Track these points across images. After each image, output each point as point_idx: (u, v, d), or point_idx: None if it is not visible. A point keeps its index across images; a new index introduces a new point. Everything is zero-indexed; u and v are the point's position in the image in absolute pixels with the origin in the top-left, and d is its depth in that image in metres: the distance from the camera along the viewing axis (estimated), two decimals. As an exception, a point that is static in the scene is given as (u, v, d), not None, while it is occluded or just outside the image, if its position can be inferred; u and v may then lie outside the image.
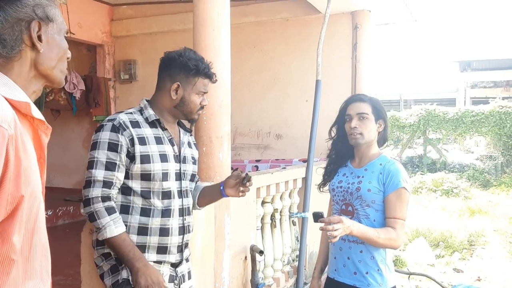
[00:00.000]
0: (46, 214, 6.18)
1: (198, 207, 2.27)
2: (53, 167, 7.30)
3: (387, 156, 2.29)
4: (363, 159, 2.29)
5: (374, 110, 2.24)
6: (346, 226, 1.93)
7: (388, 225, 2.13)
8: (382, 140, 2.34)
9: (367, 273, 2.18)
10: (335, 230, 1.89)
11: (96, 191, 1.90)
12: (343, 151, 2.35)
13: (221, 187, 2.14)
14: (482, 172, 13.10)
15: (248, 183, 2.04)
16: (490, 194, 11.33)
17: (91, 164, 1.93)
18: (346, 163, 2.35)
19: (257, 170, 5.12)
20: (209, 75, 2.06)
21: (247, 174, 2.07)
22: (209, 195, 2.25)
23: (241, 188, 2.07)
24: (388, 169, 2.18)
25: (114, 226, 1.88)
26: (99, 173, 1.91)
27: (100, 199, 1.90)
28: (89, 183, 1.92)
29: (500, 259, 6.22)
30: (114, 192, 1.94)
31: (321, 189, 2.46)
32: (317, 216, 2.01)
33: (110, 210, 1.90)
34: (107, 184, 1.91)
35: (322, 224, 1.97)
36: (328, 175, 2.39)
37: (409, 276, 5.25)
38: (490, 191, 11.75)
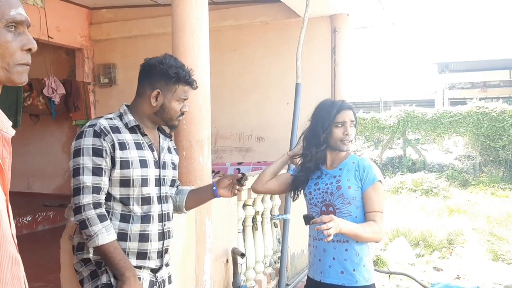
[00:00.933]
0: (25, 220, 6.11)
1: (185, 211, 2.27)
2: (32, 172, 7.22)
3: (355, 155, 2.41)
4: (336, 161, 2.37)
5: (355, 117, 2.37)
6: (336, 223, 1.97)
7: (369, 219, 2.20)
8: None
9: (354, 270, 2.23)
10: (329, 229, 1.93)
11: (86, 198, 1.86)
12: (320, 156, 2.39)
13: (214, 188, 2.16)
14: (461, 172, 13.31)
15: (245, 182, 2.12)
16: (468, 194, 11.51)
17: (77, 171, 1.88)
18: (318, 167, 2.40)
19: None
20: (189, 82, 2.04)
21: (244, 174, 2.14)
22: (198, 198, 2.26)
23: (237, 187, 2.14)
24: (363, 165, 2.28)
25: (106, 234, 1.85)
26: (87, 179, 1.87)
27: (91, 206, 1.86)
28: (78, 191, 1.87)
29: (478, 257, 6.33)
30: (103, 197, 1.91)
31: (294, 198, 2.50)
32: (309, 218, 2.04)
33: (102, 217, 1.87)
34: (96, 189, 1.88)
35: (308, 226, 2.01)
36: (302, 183, 2.42)
37: (389, 276, 5.32)
38: (468, 190, 11.94)
